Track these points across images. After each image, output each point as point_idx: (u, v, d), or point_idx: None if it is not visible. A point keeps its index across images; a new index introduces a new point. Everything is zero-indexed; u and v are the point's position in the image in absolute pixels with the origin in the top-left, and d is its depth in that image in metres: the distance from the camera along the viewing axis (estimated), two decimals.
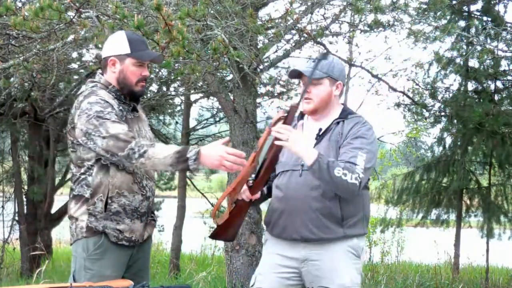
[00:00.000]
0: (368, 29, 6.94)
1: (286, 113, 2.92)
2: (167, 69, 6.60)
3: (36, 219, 10.73)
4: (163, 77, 9.11)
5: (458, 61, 9.50)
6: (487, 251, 9.36)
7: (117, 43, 2.97)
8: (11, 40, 5.66)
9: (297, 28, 6.03)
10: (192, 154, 2.70)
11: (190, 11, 4.39)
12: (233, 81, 6.43)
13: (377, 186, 10.55)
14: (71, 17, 4.55)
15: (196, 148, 2.73)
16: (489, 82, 9.52)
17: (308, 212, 3.07)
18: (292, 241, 3.13)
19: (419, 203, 9.80)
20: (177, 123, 12.26)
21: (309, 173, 3.00)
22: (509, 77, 9.71)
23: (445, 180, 9.79)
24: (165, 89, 9.82)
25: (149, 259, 3.20)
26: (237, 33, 5.48)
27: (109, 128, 2.80)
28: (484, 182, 9.97)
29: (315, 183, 3.05)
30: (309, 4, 6.14)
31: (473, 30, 9.02)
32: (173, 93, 10.20)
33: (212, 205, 11.80)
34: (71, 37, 5.07)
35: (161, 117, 11.97)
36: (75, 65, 8.12)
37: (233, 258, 6.41)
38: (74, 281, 2.92)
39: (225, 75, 7.85)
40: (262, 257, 3.32)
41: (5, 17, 4.62)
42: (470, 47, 8.33)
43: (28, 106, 9.73)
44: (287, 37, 6.56)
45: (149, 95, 9.17)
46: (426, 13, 7.13)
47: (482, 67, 9.31)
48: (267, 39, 6.23)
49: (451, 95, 9.70)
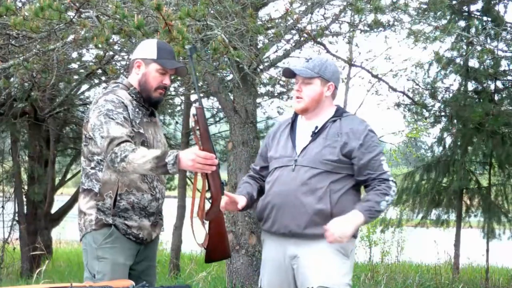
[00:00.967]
0: (368, 29, 6.94)
1: (194, 116, 2.96)
2: None
3: (36, 219, 10.73)
4: None
5: (458, 61, 9.50)
6: (487, 251, 9.36)
7: (147, 48, 3.07)
8: (11, 40, 5.66)
9: (297, 28, 6.02)
10: (170, 159, 2.78)
11: (190, 11, 4.39)
12: (233, 81, 6.43)
13: None
14: (71, 17, 4.56)
15: (175, 152, 2.80)
16: (489, 82, 9.52)
17: (297, 206, 3.09)
18: (281, 236, 3.15)
19: (419, 203, 9.79)
20: (177, 123, 12.26)
21: (302, 168, 3.10)
22: (509, 77, 9.71)
23: (445, 180, 9.79)
24: None
25: (156, 258, 3.23)
26: (237, 33, 5.48)
27: (110, 129, 2.87)
28: (484, 182, 9.97)
29: (306, 178, 3.09)
30: (309, 4, 6.14)
31: (473, 30, 9.02)
32: (173, 93, 10.20)
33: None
34: (71, 37, 5.07)
35: (161, 117, 11.97)
36: (75, 65, 8.11)
37: (233, 258, 6.41)
38: (89, 273, 2.94)
39: (225, 75, 7.85)
40: (262, 257, 3.34)
41: (5, 17, 4.62)
42: (470, 47, 8.33)
43: (28, 106, 9.71)
44: (287, 37, 6.56)
45: None
46: (426, 13, 7.13)
47: (482, 67, 9.31)
48: (267, 39, 6.23)
49: (451, 95, 9.70)
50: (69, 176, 12.94)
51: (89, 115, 3.00)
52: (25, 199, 10.74)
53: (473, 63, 9.45)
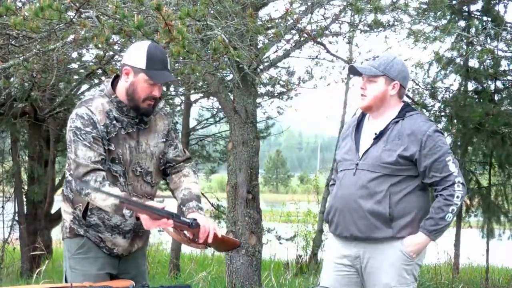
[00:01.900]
0: (368, 29, 6.94)
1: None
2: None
3: (36, 219, 10.73)
4: None
5: (458, 61, 9.50)
6: (487, 251, 9.36)
7: (136, 55, 2.83)
8: (11, 40, 5.66)
9: (297, 28, 6.02)
10: (128, 213, 2.71)
11: (190, 11, 4.39)
12: (233, 81, 6.43)
13: None
14: (71, 17, 4.55)
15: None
16: (489, 82, 9.52)
17: (357, 210, 3.12)
18: (344, 239, 3.21)
19: None
20: (177, 123, 12.25)
21: (362, 172, 3.12)
22: (509, 77, 9.70)
23: None
24: (165, 89, 9.82)
25: (144, 264, 3.13)
26: (237, 33, 5.48)
27: (77, 151, 2.77)
28: (484, 182, 9.97)
29: (365, 182, 3.11)
30: (309, 4, 6.14)
31: (473, 30, 9.02)
32: (173, 93, 10.20)
33: (212, 205, 11.81)
34: (71, 37, 5.06)
35: None
36: (75, 65, 8.11)
37: (233, 258, 6.41)
38: (65, 281, 2.93)
39: (225, 75, 7.84)
40: (325, 256, 3.43)
41: (5, 17, 4.62)
42: (470, 47, 8.32)
43: (28, 106, 9.72)
44: (287, 37, 6.56)
45: None
46: (426, 13, 7.13)
47: (482, 67, 9.31)
48: (267, 39, 6.23)
49: (451, 95, 9.69)
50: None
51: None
52: (25, 199, 10.74)
53: (473, 63, 9.45)
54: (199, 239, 2.79)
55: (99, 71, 7.71)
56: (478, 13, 9.61)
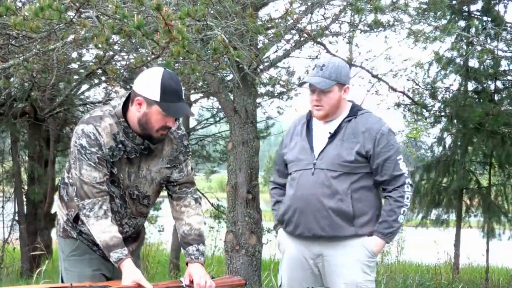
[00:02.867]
0: (368, 29, 6.94)
1: None
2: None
3: (36, 219, 10.72)
4: None
5: (458, 61, 9.51)
6: (487, 251, 9.36)
7: (150, 86, 2.69)
8: (11, 40, 5.65)
9: (297, 28, 6.02)
10: (114, 257, 2.69)
11: (190, 11, 4.39)
12: (233, 81, 6.43)
13: None
14: (71, 17, 4.55)
15: (122, 256, 2.69)
16: (489, 82, 9.53)
17: (320, 209, 3.11)
18: (305, 238, 3.19)
19: (419, 203, 9.80)
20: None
21: (322, 171, 3.11)
22: (509, 77, 9.71)
23: (445, 180, 9.79)
24: None
25: (139, 265, 3.10)
26: (237, 33, 5.48)
27: (82, 170, 2.72)
28: (484, 182, 9.98)
29: (326, 181, 3.11)
30: (309, 4, 6.14)
31: (473, 30, 9.03)
32: None
33: (212, 205, 11.80)
34: (71, 37, 5.06)
35: None
36: (75, 65, 8.10)
37: (233, 258, 6.41)
38: (61, 281, 2.93)
39: (225, 75, 7.84)
40: (282, 256, 3.37)
41: (5, 17, 4.61)
42: (470, 47, 8.33)
43: (28, 106, 9.71)
44: (287, 37, 6.56)
45: None
46: (426, 13, 7.13)
47: (482, 67, 9.32)
48: (267, 39, 6.23)
49: (451, 95, 9.71)
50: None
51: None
52: (25, 199, 10.73)
53: (473, 63, 9.46)
54: None
55: (99, 71, 7.71)
56: (478, 13, 9.62)
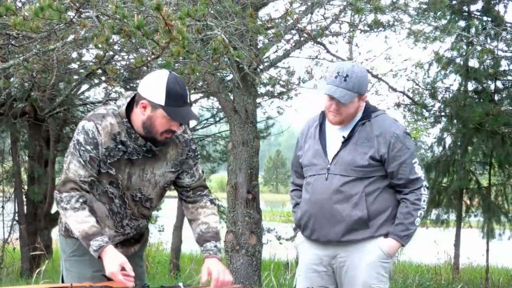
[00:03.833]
0: (368, 29, 6.95)
1: None
2: (167, 69, 6.59)
3: (36, 219, 10.72)
4: None
5: (458, 61, 9.50)
6: (487, 251, 9.36)
7: (155, 90, 2.67)
8: (11, 40, 5.65)
9: (297, 28, 6.02)
10: (95, 246, 2.64)
11: (190, 11, 4.39)
12: (233, 81, 6.42)
13: None
14: (71, 17, 4.55)
15: (103, 242, 2.65)
16: (489, 82, 9.53)
17: (334, 215, 3.11)
18: (321, 244, 3.20)
19: None
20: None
21: (335, 176, 3.09)
22: (509, 77, 9.71)
23: (445, 180, 9.79)
24: None
25: (142, 265, 3.10)
26: (237, 33, 5.48)
27: (71, 164, 2.71)
28: (484, 182, 9.97)
29: (340, 186, 3.10)
30: (309, 4, 6.14)
31: (473, 30, 9.03)
32: None
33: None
34: (71, 37, 5.06)
35: None
36: (75, 65, 8.11)
37: (233, 258, 6.41)
38: (62, 281, 2.92)
39: (225, 75, 7.85)
40: (299, 258, 3.38)
41: (5, 17, 4.61)
42: (470, 47, 8.33)
43: (28, 106, 9.71)
44: (287, 37, 6.56)
45: None
46: (426, 13, 7.13)
47: (482, 67, 9.32)
48: (267, 39, 6.23)
49: (451, 95, 9.70)
50: None
51: None
52: (25, 199, 10.73)
53: (473, 63, 9.46)
54: None
55: (99, 71, 7.71)
56: (478, 13, 9.62)
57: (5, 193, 11.70)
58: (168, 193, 3.11)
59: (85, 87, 10.14)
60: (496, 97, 9.45)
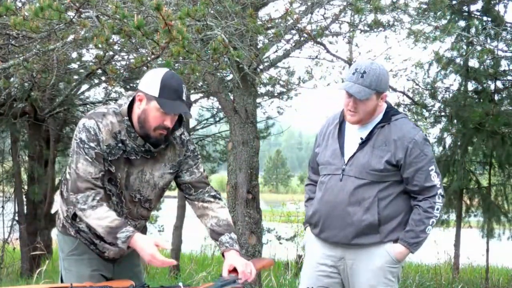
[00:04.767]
0: (368, 29, 6.94)
1: None
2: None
3: (36, 219, 10.73)
4: None
5: (458, 61, 9.51)
6: (487, 251, 9.36)
7: (151, 81, 2.71)
8: (11, 40, 5.66)
9: (297, 28, 6.02)
10: (122, 236, 2.63)
11: (190, 11, 4.39)
12: (233, 81, 6.43)
13: None
14: (71, 17, 4.55)
15: (130, 232, 2.64)
16: (489, 82, 9.53)
17: (345, 218, 3.09)
18: (329, 244, 3.20)
19: None
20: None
21: (350, 178, 3.07)
22: (509, 77, 9.71)
23: (445, 180, 9.79)
24: None
25: (139, 265, 3.10)
26: (237, 33, 5.48)
27: (79, 163, 2.70)
28: (484, 182, 9.98)
29: (353, 188, 3.08)
30: (309, 4, 6.14)
31: (473, 30, 9.03)
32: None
33: None
34: (71, 37, 5.06)
35: None
36: (75, 65, 8.11)
37: None
38: (61, 281, 2.92)
39: (225, 75, 7.85)
40: (305, 256, 3.38)
41: (5, 17, 4.61)
42: (470, 47, 8.33)
43: (28, 106, 9.72)
44: (287, 37, 6.56)
45: None
46: (426, 13, 7.13)
47: (482, 67, 9.32)
48: (267, 39, 6.23)
49: (451, 95, 9.71)
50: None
51: None
52: (25, 199, 10.75)
53: (473, 63, 9.47)
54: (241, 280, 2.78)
55: (99, 71, 7.71)
56: (478, 13, 9.62)
57: (5, 193, 11.72)
58: (168, 193, 3.11)
59: (85, 87, 10.16)
60: (496, 97, 9.46)
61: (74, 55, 7.59)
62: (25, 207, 10.73)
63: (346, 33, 7.31)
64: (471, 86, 9.79)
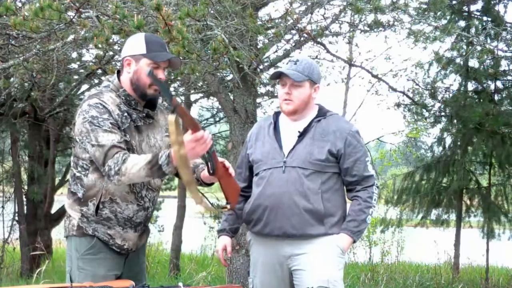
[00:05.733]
0: (368, 29, 6.95)
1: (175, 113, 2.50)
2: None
3: (36, 219, 10.72)
4: None
5: (458, 61, 9.50)
6: (487, 251, 9.36)
7: (134, 44, 2.87)
8: (11, 40, 5.66)
9: (297, 28, 6.02)
10: (163, 159, 2.64)
11: (190, 11, 4.39)
12: (233, 81, 6.42)
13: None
14: (71, 17, 4.55)
15: (166, 152, 2.66)
16: (489, 82, 9.53)
17: (292, 208, 3.11)
18: (274, 238, 3.17)
19: (419, 203, 9.80)
20: None
21: (293, 169, 3.13)
22: (509, 77, 9.71)
23: (445, 180, 9.80)
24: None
25: (144, 261, 3.16)
26: (237, 33, 5.48)
27: (99, 136, 2.74)
28: (484, 182, 9.97)
29: (299, 179, 3.12)
30: (309, 4, 6.14)
31: (473, 30, 9.02)
32: (173, 93, 10.18)
33: (212, 205, 11.80)
34: (71, 37, 5.06)
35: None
36: (75, 65, 8.11)
37: (233, 258, 6.40)
38: (70, 281, 2.90)
39: (225, 75, 7.84)
40: (251, 259, 3.34)
41: (5, 17, 4.62)
42: (470, 47, 8.33)
43: (28, 106, 9.71)
44: (287, 37, 6.56)
45: None
46: (426, 13, 7.13)
47: (482, 67, 9.31)
48: (267, 39, 6.23)
49: (451, 95, 9.70)
50: (69, 176, 12.89)
51: (75, 118, 2.88)
52: (25, 199, 10.74)
53: (473, 63, 9.46)
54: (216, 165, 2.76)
55: (99, 71, 7.71)
56: (478, 13, 9.62)
57: (5, 193, 11.71)
58: (168, 193, 3.13)
59: (85, 87, 10.13)
60: (496, 97, 9.46)
61: (74, 55, 7.59)
62: (25, 207, 10.72)
63: (346, 33, 7.32)
64: (471, 86, 9.79)
